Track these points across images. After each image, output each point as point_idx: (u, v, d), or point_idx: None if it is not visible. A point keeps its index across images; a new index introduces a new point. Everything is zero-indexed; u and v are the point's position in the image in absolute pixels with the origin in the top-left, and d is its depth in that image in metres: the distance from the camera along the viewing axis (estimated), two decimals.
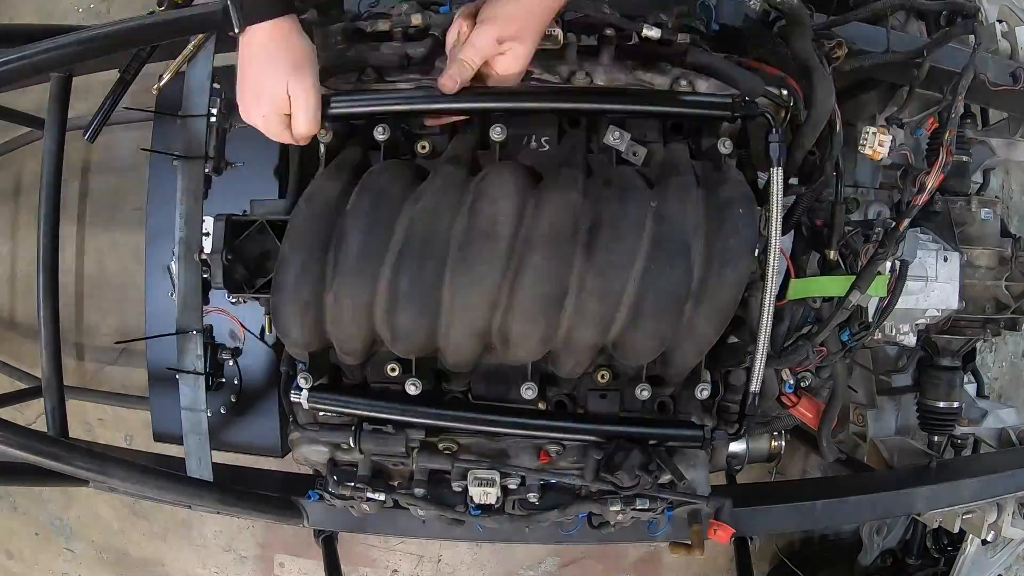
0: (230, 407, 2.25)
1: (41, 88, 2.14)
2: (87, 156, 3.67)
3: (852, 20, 1.95)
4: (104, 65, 2.11)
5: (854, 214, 2.47)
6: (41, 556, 3.93)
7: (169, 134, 2.04)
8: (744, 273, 1.60)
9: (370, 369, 1.79)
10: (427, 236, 1.57)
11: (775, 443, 2.16)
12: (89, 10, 3.67)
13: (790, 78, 1.78)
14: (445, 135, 1.81)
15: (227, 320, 2.16)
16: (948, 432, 2.52)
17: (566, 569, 3.66)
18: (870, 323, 1.77)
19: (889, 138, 1.79)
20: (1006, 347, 3.73)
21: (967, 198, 2.38)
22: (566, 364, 1.69)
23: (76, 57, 1.77)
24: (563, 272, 1.55)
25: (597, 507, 1.83)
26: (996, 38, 2.24)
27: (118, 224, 3.67)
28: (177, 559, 3.79)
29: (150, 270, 2.28)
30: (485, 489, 1.76)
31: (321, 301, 1.63)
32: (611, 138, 1.75)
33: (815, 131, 1.73)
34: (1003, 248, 2.36)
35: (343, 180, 1.69)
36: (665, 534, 2.02)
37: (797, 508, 2.26)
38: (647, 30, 1.70)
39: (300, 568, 3.68)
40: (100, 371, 3.74)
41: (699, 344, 1.67)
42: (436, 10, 1.77)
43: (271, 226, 1.76)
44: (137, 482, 1.82)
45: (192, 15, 1.82)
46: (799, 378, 1.79)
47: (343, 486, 1.82)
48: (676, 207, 1.61)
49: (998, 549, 2.64)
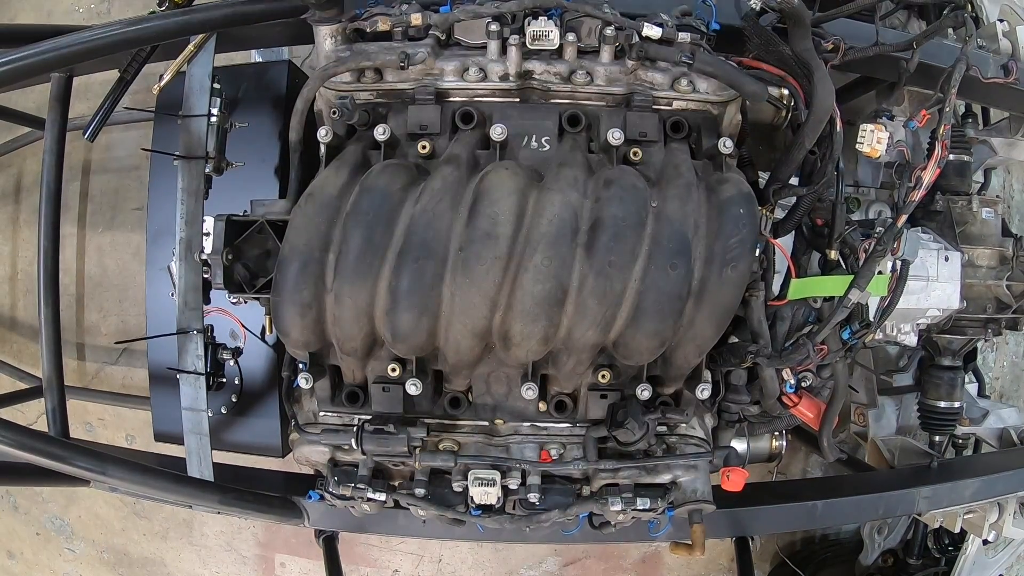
0: (231, 407, 2.25)
1: (41, 88, 2.14)
2: (87, 156, 3.67)
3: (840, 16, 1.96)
4: (104, 65, 2.11)
5: (855, 213, 2.47)
6: (41, 556, 3.93)
7: (169, 134, 2.05)
8: (745, 273, 1.60)
9: (370, 369, 1.79)
10: (427, 236, 1.57)
11: (776, 443, 2.16)
12: (89, 10, 3.67)
13: (791, 78, 1.78)
14: (445, 135, 1.81)
15: (227, 320, 2.16)
16: (949, 432, 2.52)
17: (567, 569, 3.66)
18: (871, 321, 1.77)
19: (887, 135, 1.79)
20: (1007, 347, 3.73)
21: (968, 197, 2.38)
22: (566, 364, 1.69)
23: (76, 57, 1.77)
24: (563, 272, 1.55)
25: (598, 507, 1.83)
26: (998, 37, 2.24)
27: (118, 224, 3.68)
28: (178, 559, 3.80)
29: (151, 270, 2.28)
30: (486, 489, 1.76)
31: (321, 301, 1.63)
32: (611, 138, 1.75)
33: (816, 130, 1.72)
34: (1004, 247, 2.36)
35: (343, 180, 1.69)
36: (666, 534, 2.02)
37: (798, 508, 2.26)
38: (648, 29, 1.70)
39: (301, 568, 3.69)
40: (100, 371, 3.75)
41: (700, 344, 1.67)
42: (436, 10, 1.77)
43: (271, 226, 1.77)
44: (138, 482, 1.82)
45: (192, 15, 1.82)
46: (800, 378, 1.79)
47: (344, 486, 1.82)
48: (676, 207, 1.60)
49: (999, 549, 2.65)
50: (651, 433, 1.73)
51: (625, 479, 1.82)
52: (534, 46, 1.75)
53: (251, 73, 2.31)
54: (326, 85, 1.81)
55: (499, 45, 1.76)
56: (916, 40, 1.94)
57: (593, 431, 1.78)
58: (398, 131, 1.81)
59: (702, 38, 1.76)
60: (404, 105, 1.83)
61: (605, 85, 1.81)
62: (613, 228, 1.56)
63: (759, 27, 1.86)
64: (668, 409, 1.78)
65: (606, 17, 1.71)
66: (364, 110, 1.83)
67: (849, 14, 1.98)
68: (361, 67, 1.79)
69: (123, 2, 3.63)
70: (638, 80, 1.80)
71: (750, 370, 1.80)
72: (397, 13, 1.77)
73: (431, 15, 1.76)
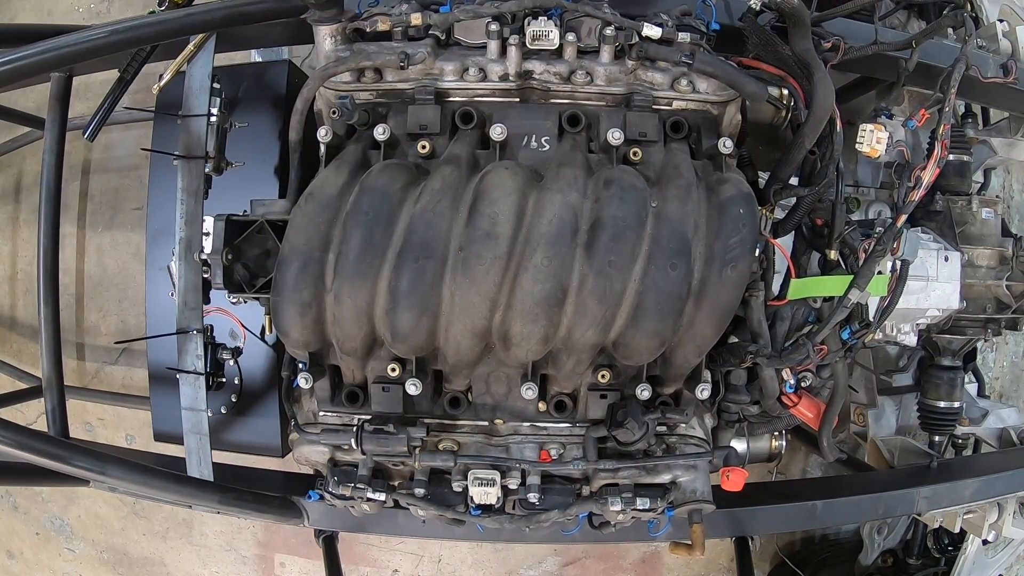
0: (230, 407, 2.25)
1: (41, 88, 2.14)
2: (87, 156, 3.67)
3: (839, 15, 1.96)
4: (104, 65, 2.11)
5: (855, 213, 2.47)
6: (41, 556, 3.93)
7: (169, 134, 2.05)
8: (745, 273, 1.60)
9: (370, 369, 1.79)
10: (427, 236, 1.57)
11: (776, 443, 2.16)
12: (89, 10, 3.67)
13: (790, 78, 1.78)
14: (445, 135, 1.81)
15: (227, 320, 2.16)
16: (949, 432, 2.52)
17: (567, 569, 3.66)
18: (871, 321, 1.77)
19: (887, 135, 1.79)
20: (1007, 347, 3.73)
21: (968, 198, 2.37)
22: (566, 364, 1.69)
23: (76, 57, 1.77)
24: (563, 272, 1.55)
25: (598, 507, 1.83)
26: (998, 37, 2.24)
27: (118, 224, 3.68)
28: (178, 559, 3.80)
29: (150, 270, 2.27)
30: (485, 489, 1.76)
31: (321, 301, 1.63)
32: (611, 138, 1.75)
33: (816, 130, 1.72)
34: (1004, 248, 2.36)
35: (343, 180, 1.69)
36: (665, 534, 2.02)
37: (798, 508, 2.26)
38: (647, 29, 1.70)
39: (300, 568, 3.69)
40: (100, 371, 3.75)
41: (700, 344, 1.67)
42: (436, 10, 1.77)
43: (271, 226, 1.77)
44: (137, 482, 1.82)
45: (192, 15, 1.82)
46: (800, 378, 1.79)
47: (344, 486, 1.82)
48: (676, 207, 1.60)
49: (999, 549, 2.65)
50: (651, 433, 1.74)
51: (625, 479, 1.82)
52: (534, 46, 1.75)
53: (251, 73, 2.31)
54: (326, 85, 1.81)
55: (499, 45, 1.77)
56: (915, 40, 1.95)
57: (593, 431, 1.78)
58: (398, 131, 1.81)
59: (702, 38, 1.76)
60: (404, 105, 1.82)
61: (605, 85, 1.81)
62: (613, 228, 1.56)
63: (758, 27, 1.86)
64: (668, 409, 1.78)
65: (606, 17, 1.71)
66: (364, 110, 1.83)
67: (848, 14, 1.99)
68: (361, 67, 1.79)
69: (123, 2, 3.64)
70: (638, 80, 1.80)
71: (750, 370, 1.80)
72: (397, 13, 1.77)
73: (431, 15, 1.76)
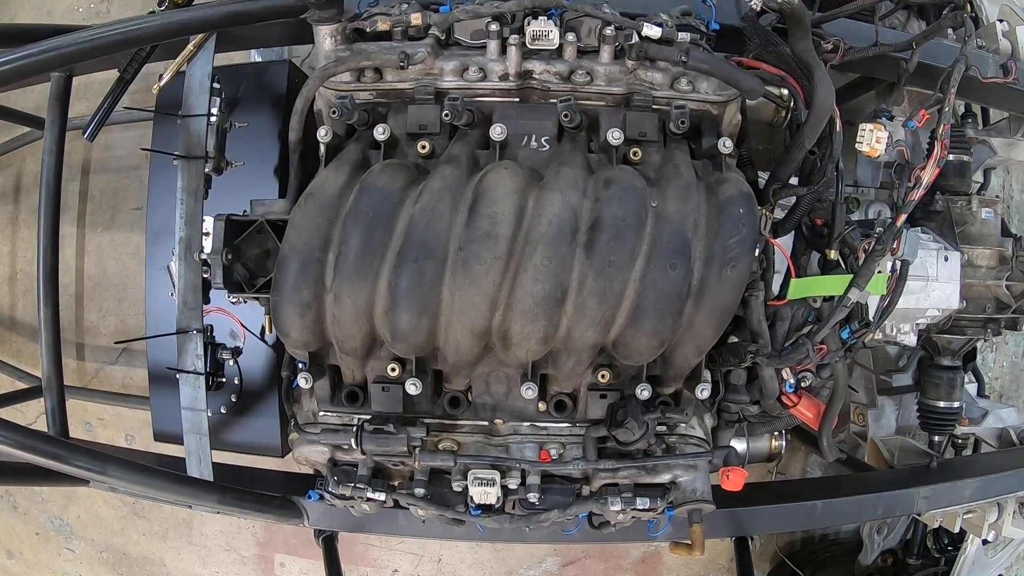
0: (230, 407, 2.25)
1: (41, 88, 2.14)
2: (87, 156, 3.67)
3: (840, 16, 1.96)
4: (104, 65, 2.11)
5: (854, 213, 2.47)
6: (41, 556, 3.93)
7: (169, 134, 2.04)
8: (744, 273, 1.60)
9: (370, 369, 1.79)
10: (427, 236, 1.57)
11: (776, 443, 2.16)
12: (89, 10, 3.67)
13: (791, 78, 1.78)
14: (445, 135, 1.80)
15: (227, 320, 2.16)
16: (949, 432, 2.52)
17: (566, 569, 3.66)
18: (870, 321, 1.77)
19: (886, 134, 1.79)
20: (1007, 347, 3.73)
21: (968, 198, 2.37)
22: (566, 364, 1.69)
23: (76, 57, 1.77)
24: (563, 272, 1.55)
25: (597, 507, 1.83)
26: (997, 37, 2.24)
27: (118, 224, 3.68)
28: (177, 559, 3.80)
29: (150, 270, 2.28)
30: (485, 489, 1.76)
31: (321, 301, 1.63)
32: (611, 137, 1.75)
33: (816, 130, 1.72)
34: (1004, 248, 2.36)
35: (343, 180, 1.69)
36: (665, 534, 2.02)
37: (798, 508, 2.26)
38: (647, 29, 1.69)
39: (300, 568, 3.69)
40: (100, 371, 3.75)
41: (699, 344, 1.67)
42: (436, 9, 1.77)
43: (271, 226, 1.77)
44: (137, 482, 1.82)
45: (192, 15, 1.82)
46: (800, 377, 1.79)
47: (343, 486, 1.82)
48: (676, 207, 1.60)
49: (998, 549, 2.65)
50: (651, 433, 1.73)
51: (625, 479, 1.82)
52: (534, 46, 1.75)
53: (251, 73, 2.31)
54: (326, 85, 1.81)
55: (499, 45, 1.77)
56: (916, 40, 1.95)
57: (593, 431, 1.78)
58: (398, 131, 1.81)
59: (702, 38, 1.76)
60: (404, 105, 1.83)
61: (605, 85, 1.81)
62: (613, 228, 1.56)
63: (759, 27, 1.86)
64: (668, 409, 1.78)
65: (606, 17, 1.71)
66: (364, 110, 1.83)
67: (849, 14, 1.99)
68: (361, 67, 1.79)
69: (123, 2, 3.63)
70: (638, 80, 1.80)
71: (750, 370, 1.81)
72: (397, 13, 1.77)
73: (431, 15, 1.76)
